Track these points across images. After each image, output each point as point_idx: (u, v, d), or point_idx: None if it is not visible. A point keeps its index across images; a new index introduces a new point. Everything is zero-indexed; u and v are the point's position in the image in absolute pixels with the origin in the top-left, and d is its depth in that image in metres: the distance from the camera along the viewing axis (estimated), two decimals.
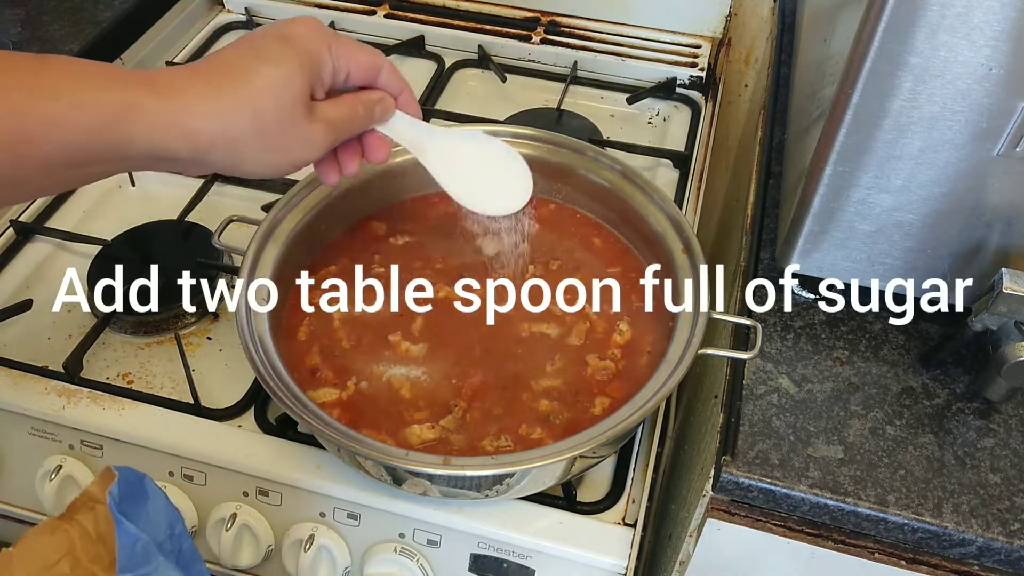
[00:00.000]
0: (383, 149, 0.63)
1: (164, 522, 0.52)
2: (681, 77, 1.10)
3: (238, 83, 0.51)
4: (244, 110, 0.51)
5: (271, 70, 0.52)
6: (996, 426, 0.66)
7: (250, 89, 0.51)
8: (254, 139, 0.52)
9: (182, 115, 0.50)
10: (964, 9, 0.53)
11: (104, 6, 1.04)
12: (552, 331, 0.73)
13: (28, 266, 0.86)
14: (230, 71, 0.52)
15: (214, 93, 0.51)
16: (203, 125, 0.50)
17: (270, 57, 0.53)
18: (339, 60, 0.56)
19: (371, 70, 0.59)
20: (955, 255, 0.65)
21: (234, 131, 0.51)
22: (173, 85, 0.50)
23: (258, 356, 0.64)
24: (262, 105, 0.52)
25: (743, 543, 0.66)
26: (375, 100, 0.60)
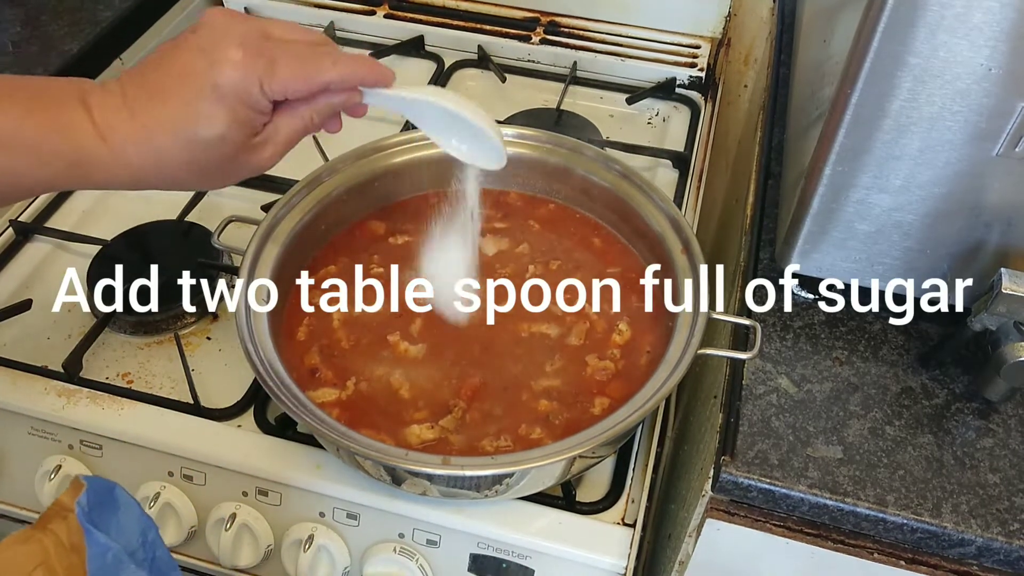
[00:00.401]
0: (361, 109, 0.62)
1: (136, 530, 0.52)
2: (681, 77, 1.10)
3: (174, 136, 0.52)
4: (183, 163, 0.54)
5: (204, 132, 0.53)
6: (995, 426, 0.66)
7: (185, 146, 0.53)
8: (199, 181, 0.56)
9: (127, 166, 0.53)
10: (964, 9, 0.53)
11: (104, 6, 1.04)
12: (552, 331, 0.73)
13: (28, 266, 0.86)
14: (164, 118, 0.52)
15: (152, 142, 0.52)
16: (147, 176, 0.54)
17: (202, 116, 0.52)
18: (275, 94, 0.54)
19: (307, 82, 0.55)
20: (955, 255, 0.65)
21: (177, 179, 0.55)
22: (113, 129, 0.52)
23: (258, 356, 0.64)
24: (200, 160, 0.54)
25: (743, 543, 0.66)
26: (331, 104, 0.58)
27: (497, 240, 0.81)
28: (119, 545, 0.49)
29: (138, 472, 0.73)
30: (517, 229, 0.82)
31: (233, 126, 0.53)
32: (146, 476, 0.73)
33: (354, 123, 1.06)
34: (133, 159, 0.53)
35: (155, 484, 0.72)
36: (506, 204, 0.84)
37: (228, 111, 0.52)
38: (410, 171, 0.81)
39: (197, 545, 0.74)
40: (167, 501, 0.71)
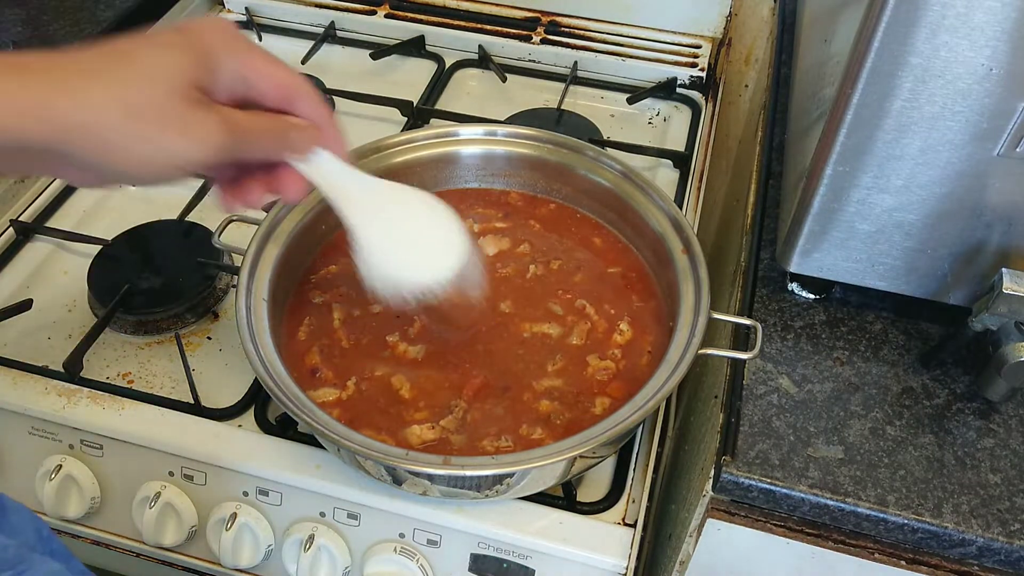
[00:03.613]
0: (295, 186, 0.55)
1: (30, 529, 0.52)
2: (681, 77, 1.10)
3: (112, 64, 0.45)
4: (113, 94, 0.45)
5: (153, 52, 0.46)
6: (996, 426, 0.66)
7: (124, 72, 0.45)
8: (124, 128, 0.45)
9: (44, 94, 0.43)
10: (965, 9, 0.53)
11: (105, 5, 1.04)
12: (553, 331, 0.73)
13: (28, 266, 0.86)
14: (107, 52, 0.46)
15: (82, 73, 0.44)
16: (64, 106, 0.44)
17: (156, 42, 0.47)
18: (243, 67, 0.50)
19: (286, 89, 0.51)
20: (955, 255, 0.65)
21: (98, 117, 0.44)
22: (39, 66, 0.44)
23: (258, 356, 0.64)
24: (136, 89, 0.45)
25: (743, 543, 0.66)
26: (291, 125, 0.52)
27: (498, 240, 0.81)
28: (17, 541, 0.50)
29: (138, 472, 0.73)
30: (518, 229, 0.82)
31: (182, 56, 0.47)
32: (146, 476, 0.73)
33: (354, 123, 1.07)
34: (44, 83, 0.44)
35: (156, 484, 0.72)
36: (507, 204, 0.84)
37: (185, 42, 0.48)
38: (410, 171, 0.81)
39: (197, 545, 0.74)
40: (168, 501, 0.71)
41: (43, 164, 0.48)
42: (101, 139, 0.45)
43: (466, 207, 0.83)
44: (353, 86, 1.05)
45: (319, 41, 1.15)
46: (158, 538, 0.72)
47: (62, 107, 0.44)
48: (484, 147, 0.83)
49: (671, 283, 0.72)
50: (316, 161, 0.54)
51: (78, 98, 0.44)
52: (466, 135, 0.82)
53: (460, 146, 0.83)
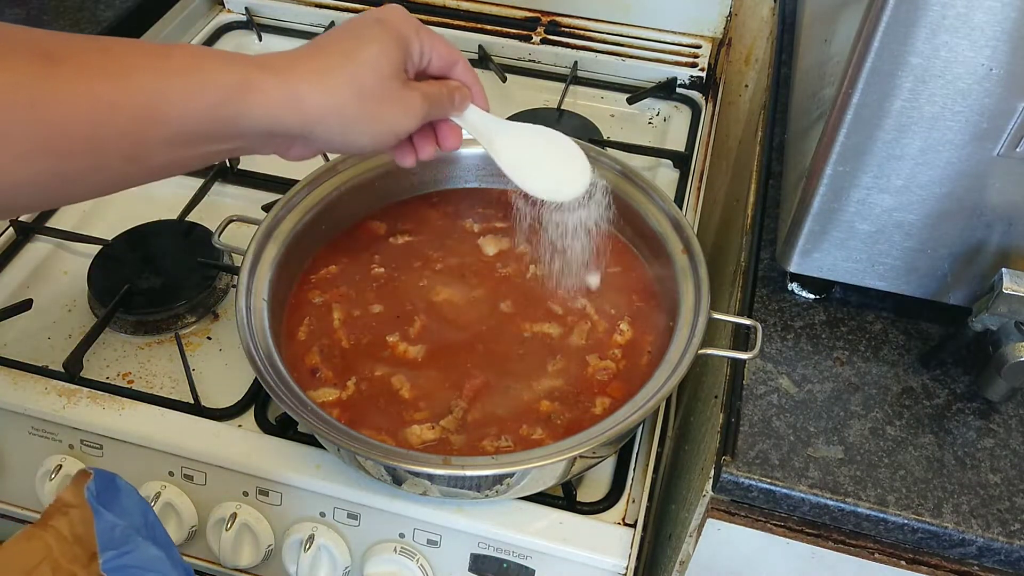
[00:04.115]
0: (456, 136, 0.67)
1: (138, 512, 0.55)
2: (681, 77, 1.10)
3: (342, 60, 0.56)
4: (349, 84, 0.56)
5: (370, 47, 0.57)
6: (996, 426, 0.66)
7: (353, 65, 0.56)
8: (358, 110, 0.56)
9: (295, 90, 0.54)
10: (965, 9, 0.53)
11: (105, 5, 1.05)
12: (553, 331, 0.73)
13: (28, 266, 0.86)
14: (335, 51, 0.57)
15: (321, 70, 0.55)
16: (313, 99, 0.54)
17: (368, 36, 0.57)
18: (424, 45, 0.61)
19: (449, 60, 0.63)
20: (955, 255, 0.65)
21: (341, 104, 0.56)
22: (285, 66, 0.54)
23: (258, 356, 0.64)
24: (364, 78, 0.56)
25: (743, 543, 0.66)
26: (456, 87, 0.64)
27: (498, 240, 0.81)
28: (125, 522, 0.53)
29: (138, 472, 0.73)
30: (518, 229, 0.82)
31: (391, 45, 0.58)
32: (147, 476, 0.73)
33: None
34: (294, 80, 0.54)
35: (156, 484, 0.72)
36: (507, 204, 0.84)
37: (389, 32, 0.58)
38: (410, 171, 0.81)
39: (198, 545, 0.74)
40: (167, 501, 0.71)
41: (277, 144, 0.58)
42: (343, 120, 0.56)
43: (466, 207, 0.83)
44: None
45: None
46: None
47: (312, 98, 0.54)
48: None
49: (671, 283, 0.72)
50: (468, 115, 0.66)
51: (323, 90, 0.55)
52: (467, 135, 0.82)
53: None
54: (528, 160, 0.69)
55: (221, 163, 0.94)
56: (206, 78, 0.51)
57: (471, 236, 0.81)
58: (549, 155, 0.71)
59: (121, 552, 0.51)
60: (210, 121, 0.52)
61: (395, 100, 0.58)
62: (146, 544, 0.53)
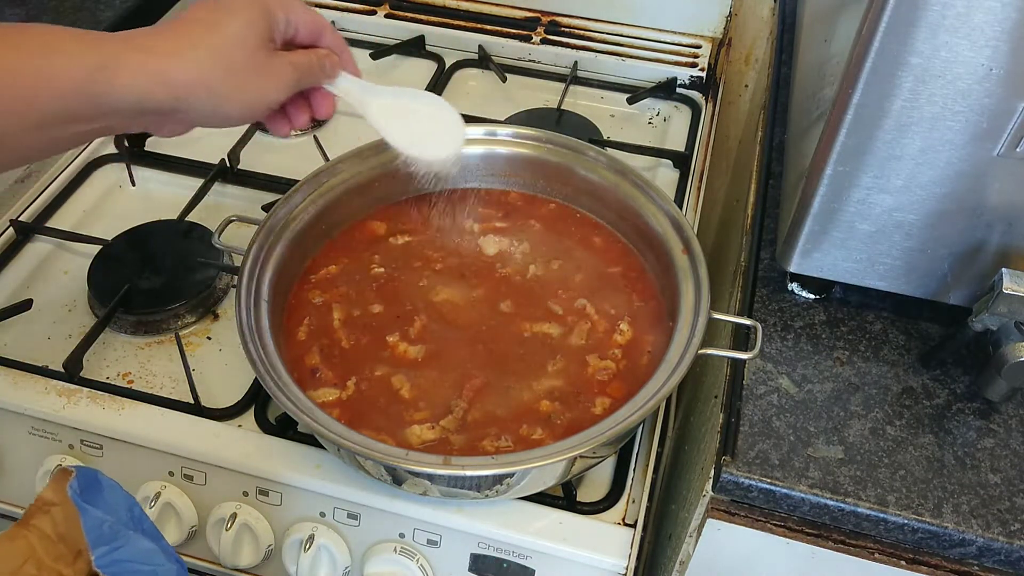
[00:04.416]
0: (329, 104, 0.68)
1: (123, 507, 0.55)
2: (681, 77, 1.10)
3: (209, 33, 0.57)
4: (217, 56, 0.56)
5: (235, 18, 0.57)
6: (996, 426, 0.66)
7: (219, 37, 0.57)
8: (228, 81, 0.57)
9: (162, 64, 0.54)
10: (965, 9, 0.53)
11: (105, 5, 1.05)
12: (553, 331, 0.73)
13: (28, 266, 0.86)
14: (200, 24, 0.57)
15: (189, 45, 0.56)
16: (181, 73, 0.55)
17: (233, 7, 0.58)
18: (290, 14, 0.61)
19: (316, 28, 0.64)
20: (955, 255, 0.65)
21: (209, 76, 0.56)
22: (151, 41, 0.55)
23: (258, 356, 0.64)
24: (232, 50, 0.57)
25: (743, 543, 0.66)
26: (325, 55, 0.65)
27: (498, 240, 0.81)
28: (113, 518, 0.53)
29: (138, 472, 0.73)
30: (518, 229, 0.82)
31: (257, 16, 0.58)
32: (146, 476, 0.73)
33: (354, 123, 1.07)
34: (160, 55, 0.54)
35: (155, 484, 0.72)
36: (507, 204, 0.84)
37: (253, 4, 0.59)
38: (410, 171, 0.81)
39: (197, 545, 0.74)
40: (167, 501, 0.71)
41: (148, 121, 0.58)
42: (212, 93, 0.56)
43: (466, 207, 0.83)
44: None
45: None
46: None
47: (180, 73, 0.55)
48: (484, 147, 0.83)
49: (671, 283, 0.72)
50: (340, 81, 0.67)
51: (190, 65, 0.55)
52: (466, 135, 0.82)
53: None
54: (400, 120, 0.71)
55: (221, 163, 0.94)
56: (66, 59, 0.51)
57: (471, 236, 0.81)
58: (423, 117, 0.73)
59: (113, 547, 0.51)
60: (75, 101, 0.52)
61: (263, 71, 0.59)
62: (137, 537, 0.53)
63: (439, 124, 0.74)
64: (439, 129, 0.73)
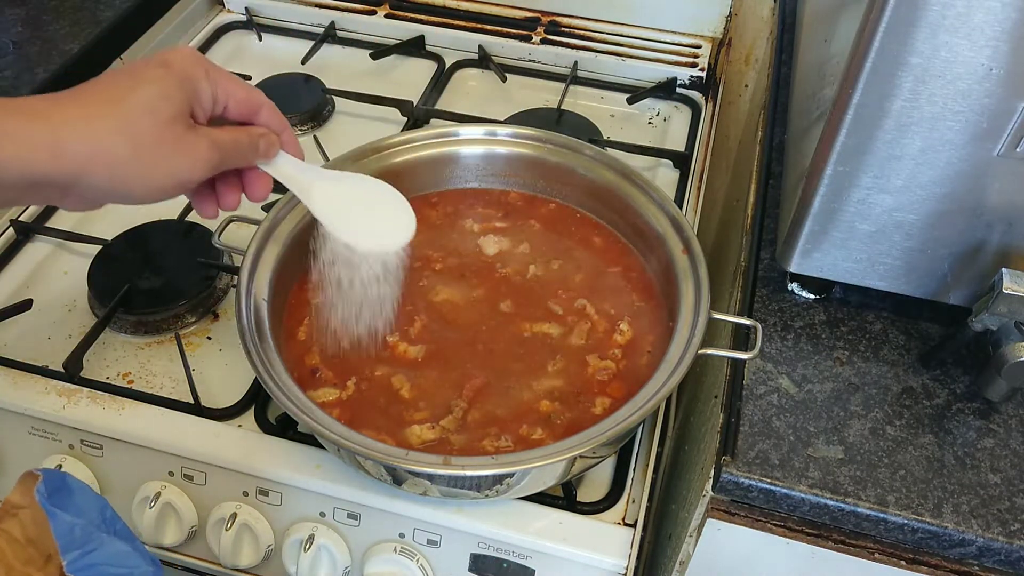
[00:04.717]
0: (265, 186, 0.62)
1: (94, 509, 0.54)
2: (681, 77, 1.10)
3: (113, 104, 0.51)
4: (119, 129, 0.50)
5: (147, 87, 0.52)
6: (996, 426, 0.66)
7: (125, 108, 0.51)
8: (133, 158, 0.51)
9: (54, 136, 0.48)
10: (965, 9, 0.53)
11: (105, 5, 1.04)
12: (553, 331, 0.73)
13: (28, 266, 0.86)
14: (104, 93, 0.51)
15: (89, 114, 0.50)
16: (75, 146, 0.49)
17: (147, 77, 0.52)
18: (217, 88, 0.56)
19: (250, 105, 0.58)
20: (955, 255, 0.65)
21: (110, 151, 0.50)
22: (44, 108, 0.49)
23: (258, 356, 0.64)
24: (139, 123, 0.51)
25: (743, 543, 0.66)
26: (259, 134, 0.59)
27: (498, 240, 0.81)
28: (83, 521, 0.52)
29: (138, 472, 0.73)
30: (518, 229, 0.82)
31: (172, 87, 0.52)
32: (146, 476, 0.73)
33: (354, 123, 1.07)
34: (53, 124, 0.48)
35: (155, 484, 0.72)
36: (507, 204, 0.84)
37: (172, 74, 0.53)
38: (410, 171, 0.81)
39: (197, 545, 0.74)
40: (167, 501, 0.71)
41: (45, 195, 0.52)
42: (113, 169, 0.50)
43: (466, 207, 0.83)
44: (353, 86, 1.05)
45: (319, 41, 1.15)
46: (158, 538, 0.72)
47: (74, 144, 0.49)
48: (484, 147, 0.83)
49: (671, 283, 0.72)
50: (278, 162, 0.61)
51: (87, 135, 0.49)
52: (466, 135, 0.83)
53: (460, 146, 0.83)
54: (345, 209, 0.64)
55: None
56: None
57: (471, 236, 0.81)
58: (369, 204, 0.67)
59: (85, 551, 0.50)
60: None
61: (177, 147, 0.52)
62: (111, 539, 0.52)
63: (387, 213, 0.67)
64: (387, 218, 0.66)
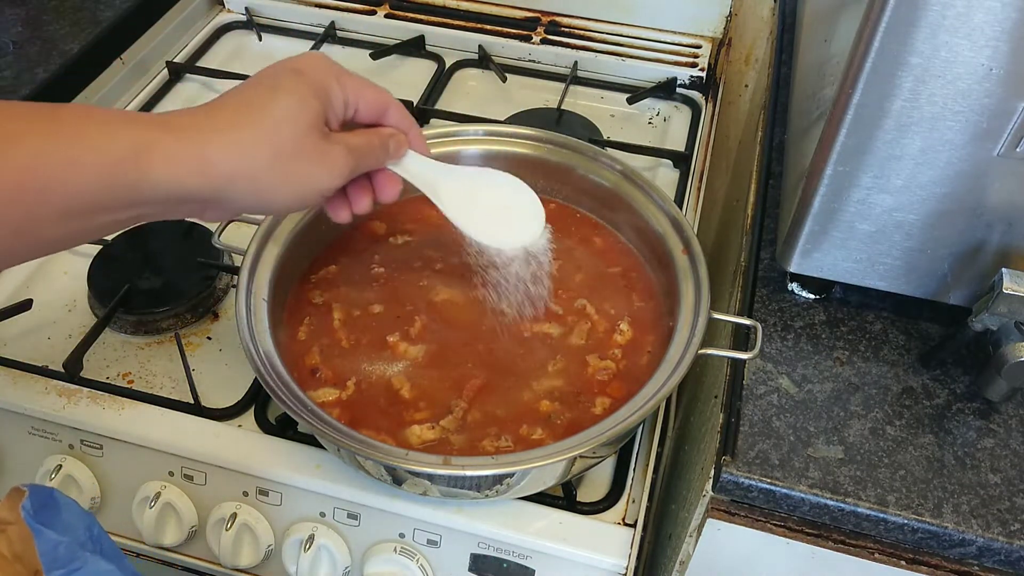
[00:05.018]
0: (395, 187, 0.63)
1: (81, 526, 0.53)
2: (681, 77, 1.10)
3: (255, 115, 0.52)
4: (262, 140, 0.51)
5: (286, 99, 0.53)
6: (996, 426, 0.66)
7: (267, 119, 0.52)
8: (274, 168, 0.52)
9: (200, 150, 0.49)
10: (965, 9, 0.53)
11: (105, 5, 1.04)
12: (553, 331, 0.73)
13: (28, 266, 0.86)
14: (247, 105, 0.52)
15: (232, 127, 0.51)
16: (221, 159, 0.50)
17: (283, 88, 0.53)
18: (348, 93, 0.57)
19: (379, 106, 0.59)
20: (955, 255, 0.65)
21: (253, 162, 0.51)
22: (190, 124, 0.50)
23: (258, 356, 0.64)
24: (280, 133, 0.52)
25: (743, 543, 0.66)
26: (389, 135, 0.60)
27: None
28: (69, 539, 0.51)
29: (138, 472, 0.73)
30: None
31: (309, 97, 0.53)
32: (146, 476, 0.73)
33: None
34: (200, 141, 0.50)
35: (155, 484, 0.72)
36: None
37: (307, 84, 0.54)
38: None
39: (197, 545, 0.74)
40: (167, 501, 0.71)
41: (188, 210, 0.53)
42: (255, 182, 0.52)
43: None
44: None
45: (319, 41, 1.15)
46: (158, 538, 0.72)
47: (221, 160, 0.50)
48: (484, 147, 0.83)
49: (671, 283, 0.72)
50: (406, 162, 0.62)
51: (233, 151, 0.50)
52: (466, 135, 0.82)
53: (460, 146, 0.83)
54: (475, 206, 0.65)
55: None
56: (97, 143, 0.47)
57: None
58: (499, 200, 0.67)
59: (68, 570, 0.50)
60: (106, 190, 0.47)
61: (315, 157, 0.54)
62: (95, 559, 0.51)
63: (515, 206, 0.67)
64: (515, 212, 0.67)
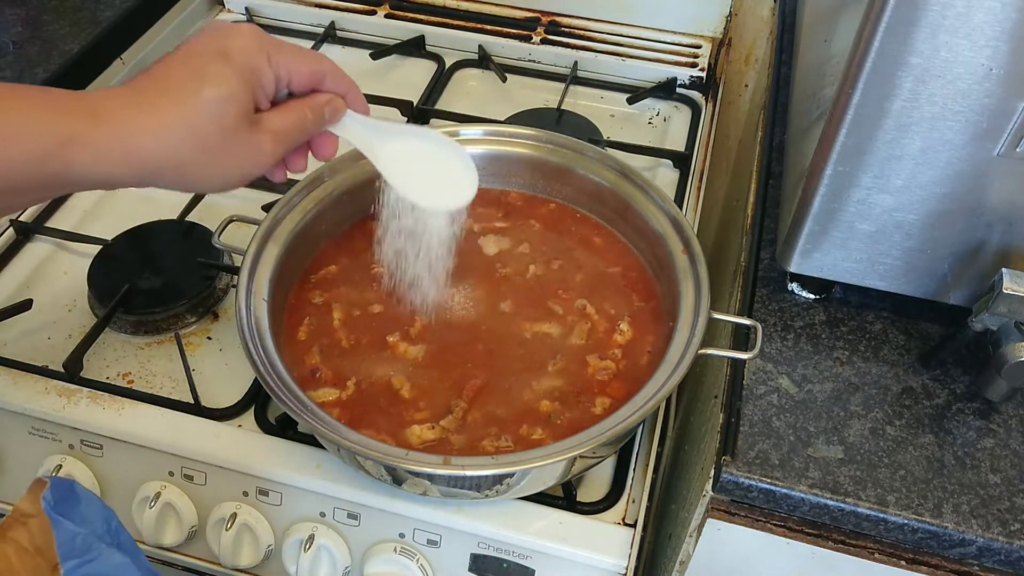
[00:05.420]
0: (331, 146, 0.63)
1: (100, 519, 0.54)
2: (681, 77, 1.10)
3: (177, 104, 0.51)
4: (185, 133, 0.51)
5: (212, 90, 0.52)
6: (996, 426, 0.66)
7: (189, 110, 0.51)
8: (199, 160, 0.52)
9: (125, 143, 0.50)
10: (965, 9, 0.53)
11: (105, 5, 1.04)
12: (553, 331, 0.73)
13: (28, 266, 0.86)
14: (168, 90, 0.52)
15: (153, 115, 0.51)
16: (147, 151, 0.50)
17: (210, 76, 0.52)
18: (279, 69, 0.56)
19: (314, 76, 0.58)
20: (955, 255, 0.65)
21: (179, 155, 0.51)
22: (111, 111, 0.50)
23: (258, 356, 0.64)
24: (203, 127, 0.51)
25: (743, 543, 0.66)
26: (323, 103, 0.59)
27: (498, 239, 0.81)
28: (86, 531, 0.51)
29: (138, 472, 0.73)
30: (518, 229, 0.82)
31: (236, 87, 0.52)
32: (146, 476, 0.73)
33: None
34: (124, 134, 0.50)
35: (155, 484, 0.72)
36: (507, 204, 0.84)
37: (235, 72, 0.52)
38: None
39: (197, 545, 0.74)
40: (168, 501, 0.71)
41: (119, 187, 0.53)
42: (181, 171, 0.52)
43: None
44: None
45: (319, 41, 1.15)
46: (158, 538, 0.72)
47: (145, 152, 0.50)
48: (484, 147, 0.83)
49: (671, 283, 0.72)
50: (345, 123, 0.62)
51: (156, 144, 0.51)
52: (466, 135, 0.82)
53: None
54: (411, 166, 0.65)
55: None
56: (20, 135, 0.47)
57: (471, 236, 0.81)
58: (434, 161, 0.67)
59: (84, 561, 0.50)
60: (31, 177, 0.48)
61: (241, 148, 0.54)
62: (110, 551, 0.52)
63: (451, 168, 0.67)
64: (451, 174, 0.67)
